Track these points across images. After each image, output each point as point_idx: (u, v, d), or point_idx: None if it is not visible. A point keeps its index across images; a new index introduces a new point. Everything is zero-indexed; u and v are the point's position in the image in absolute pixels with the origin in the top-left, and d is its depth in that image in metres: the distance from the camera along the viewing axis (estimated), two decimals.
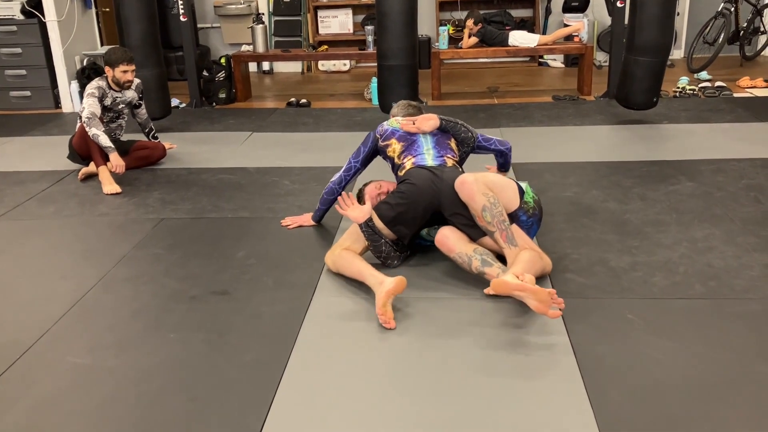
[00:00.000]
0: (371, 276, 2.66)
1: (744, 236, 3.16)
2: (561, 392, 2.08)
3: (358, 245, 2.89)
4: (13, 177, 4.49)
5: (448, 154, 3.12)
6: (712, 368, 2.18)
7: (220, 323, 2.57)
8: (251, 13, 8.03)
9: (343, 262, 2.82)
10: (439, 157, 3.07)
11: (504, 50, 6.68)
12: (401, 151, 3.15)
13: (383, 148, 3.24)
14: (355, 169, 3.28)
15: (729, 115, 5.48)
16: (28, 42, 6.46)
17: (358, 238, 2.90)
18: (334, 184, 3.31)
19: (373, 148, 3.27)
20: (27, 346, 2.45)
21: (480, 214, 2.70)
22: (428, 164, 3.01)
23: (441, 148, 3.14)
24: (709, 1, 8.05)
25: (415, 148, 3.12)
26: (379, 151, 3.28)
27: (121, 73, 4.29)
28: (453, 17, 8.42)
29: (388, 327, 2.48)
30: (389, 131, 3.25)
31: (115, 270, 3.06)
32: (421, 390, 2.12)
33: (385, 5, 5.39)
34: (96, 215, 3.76)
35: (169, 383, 2.20)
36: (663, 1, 4.99)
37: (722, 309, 2.53)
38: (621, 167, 4.25)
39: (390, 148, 3.20)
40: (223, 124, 5.79)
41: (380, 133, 3.27)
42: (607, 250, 3.06)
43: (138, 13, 5.40)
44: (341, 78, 8.07)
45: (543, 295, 2.35)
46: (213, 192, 4.06)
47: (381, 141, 3.25)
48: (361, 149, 3.28)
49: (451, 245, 2.76)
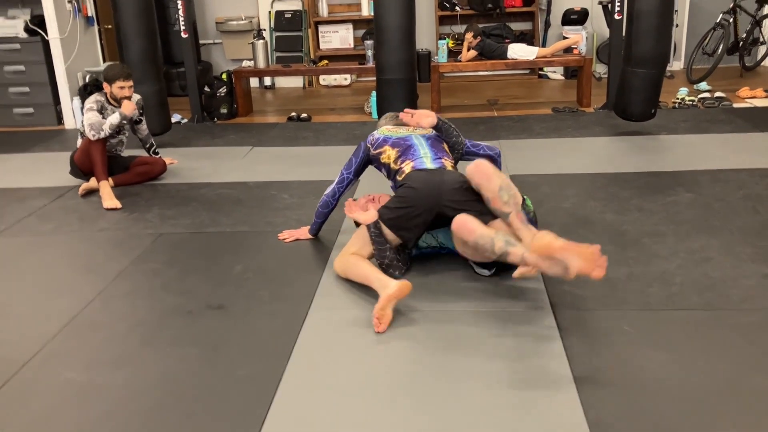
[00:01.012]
0: (377, 280, 2.65)
1: (742, 247, 3.15)
2: (556, 404, 2.08)
3: (365, 250, 2.90)
4: (14, 193, 4.52)
5: (445, 156, 3.10)
6: (709, 380, 2.17)
7: (215, 338, 2.57)
8: (252, 29, 8.09)
9: (350, 266, 2.83)
10: (437, 159, 3.05)
11: (503, 63, 6.72)
12: (397, 157, 3.11)
13: (376, 156, 3.22)
14: (348, 180, 3.29)
15: (728, 125, 5.49)
16: (31, 59, 6.52)
17: (365, 243, 2.90)
18: (327, 196, 3.32)
19: (365, 158, 3.27)
20: (23, 362, 2.46)
21: (497, 195, 2.66)
22: (428, 167, 2.99)
23: (437, 151, 3.11)
24: (708, 12, 8.08)
25: (412, 152, 3.09)
26: (371, 160, 3.27)
27: (119, 89, 4.33)
28: (452, 31, 8.46)
29: (376, 330, 2.50)
30: (381, 139, 3.24)
31: (112, 285, 3.07)
32: (417, 405, 2.12)
33: (383, 20, 5.42)
34: (95, 230, 3.77)
35: (164, 399, 2.21)
36: (660, 13, 5.01)
37: (719, 320, 2.53)
38: (619, 178, 4.26)
39: (384, 155, 3.16)
40: (224, 139, 5.82)
41: (371, 142, 3.27)
42: None
43: (137, 29, 5.44)
44: (342, 92, 8.11)
45: (589, 253, 2.23)
46: (212, 207, 4.07)
47: (373, 150, 3.23)
48: (352, 160, 3.28)
49: (471, 227, 2.59)
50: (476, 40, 6.69)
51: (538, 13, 8.40)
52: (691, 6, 8.34)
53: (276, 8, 8.34)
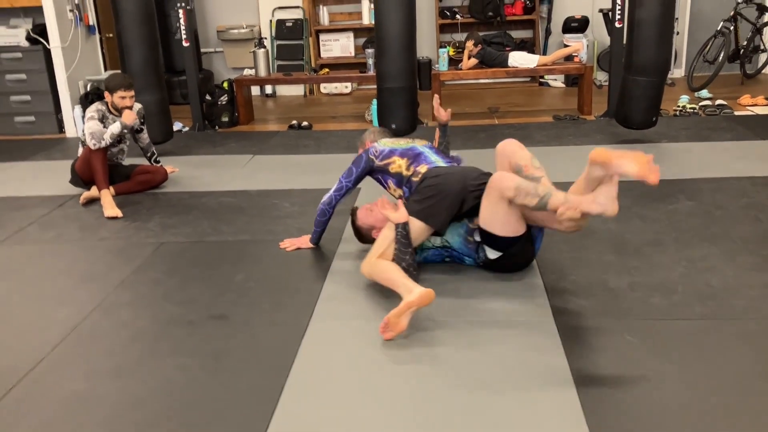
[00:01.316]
0: (403, 285, 2.64)
1: (744, 255, 3.15)
2: (559, 414, 2.07)
3: (390, 251, 2.90)
4: (16, 202, 4.52)
5: (452, 162, 3.25)
6: (712, 390, 2.16)
7: (217, 348, 2.56)
8: (253, 37, 8.10)
9: (378, 269, 2.82)
10: (448, 163, 3.21)
11: (504, 71, 6.73)
12: (408, 164, 3.18)
13: (383, 166, 3.24)
14: (347, 188, 3.30)
15: (729, 133, 5.48)
16: (33, 68, 6.54)
17: (390, 245, 2.90)
18: (324, 205, 3.32)
19: (367, 168, 3.29)
20: (24, 372, 2.45)
21: (530, 162, 2.87)
22: (443, 166, 3.12)
23: (444, 157, 3.26)
24: (709, 20, 8.09)
25: (423, 158, 3.18)
26: (374, 170, 3.29)
27: (119, 98, 4.33)
28: (453, 39, 8.48)
29: (384, 337, 2.50)
30: (387, 151, 3.26)
31: (113, 295, 3.06)
32: (420, 416, 2.11)
33: (384, 29, 5.43)
34: (96, 239, 3.77)
35: (165, 409, 2.20)
36: (660, 21, 5.02)
37: (722, 330, 2.52)
38: (620, 187, 4.21)
39: (394, 165, 3.21)
40: (226, 148, 5.82)
41: (374, 154, 3.29)
42: (605, 271, 3.05)
43: (139, 38, 5.46)
44: (343, 100, 8.12)
45: (644, 159, 2.35)
46: (213, 215, 4.07)
47: (378, 161, 3.26)
48: (353, 170, 3.29)
49: (510, 175, 2.73)
50: (477, 48, 6.70)
51: (539, 21, 8.42)
52: (692, 14, 8.36)
53: (277, 17, 8.36)
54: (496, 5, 8.11)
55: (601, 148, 2.51)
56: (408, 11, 5.43)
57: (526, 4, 8.28)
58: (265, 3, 8.40)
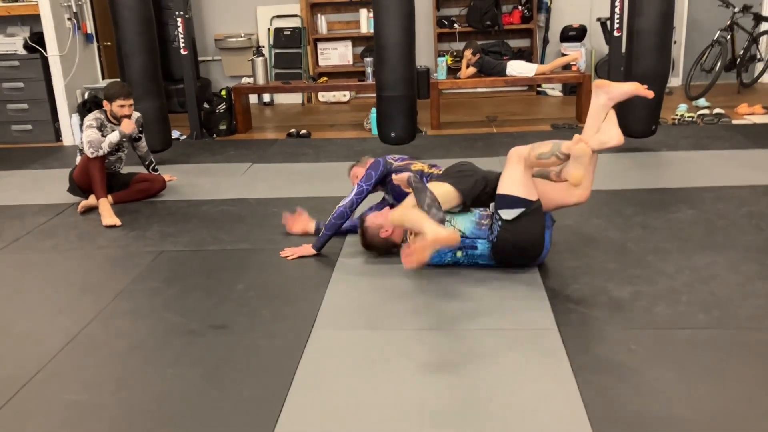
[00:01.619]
0: (430, 224, 2.75)
1: (747, 264, 3.13)
2: (563, 424, 2.05)
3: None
4: (13, 211, 4.48)
5: None
6: (716, 400, 2.14)
7: (217, 358, 2.53)
8: (252, 46, 8.10)
9: (408, 214, 2.96)
10: None
11: (502, 80, 6.72)
12: (429, 165, 3.53)
13: (404, 166, 3.50)
14: (367, 191, 3.45)
15: (728, 142, 5.49)
16: (30, 76, 6.52)
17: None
18: (345, 207, 3.39)
19: (385, 171, 3.48)
20: (23, 382, 2.42)
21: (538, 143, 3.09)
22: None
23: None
24: (706, 30, 8.12)
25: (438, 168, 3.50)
26: (392, 172, 3.46)
27: (119, 107, 4.31)
28: (451, 48, 8.49)
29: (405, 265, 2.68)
30: (405, 156, 3.65)
31: (112, 304, 3.03)
32: (425, 426, 2.08)
33: (383, 37, 5.43)
34: (95, 248, 3.74)
35: (164, 420, 2.17)
36: (659, 30, 5.03)
37: (726, 339, 2.50)
38: (621, 195, 4.24)
39: (414, 165, 3.52)
40: (224, 156, 5.80)
41: (392, 159, 3.57)
42: (608, 280, 3.04)
43: (138, 46, 5.44)
44: (341, 109, 8.11)
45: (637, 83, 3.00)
46: (213, 224, 4.04)
47: (397, 162, 3.54)
48: (372, 174, 3.45)
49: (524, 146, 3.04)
50: (475, 57, 6.70)
51: (537, 30, 8.43)
52: (689, 23, 8.39)
53: (275, 25, 8.36)
54: (494, 14, 8.13)
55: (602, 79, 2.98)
56: (407, 20, 5.42)
57: (523, 13, 8.29)
58: (263, 11, 8.40)
